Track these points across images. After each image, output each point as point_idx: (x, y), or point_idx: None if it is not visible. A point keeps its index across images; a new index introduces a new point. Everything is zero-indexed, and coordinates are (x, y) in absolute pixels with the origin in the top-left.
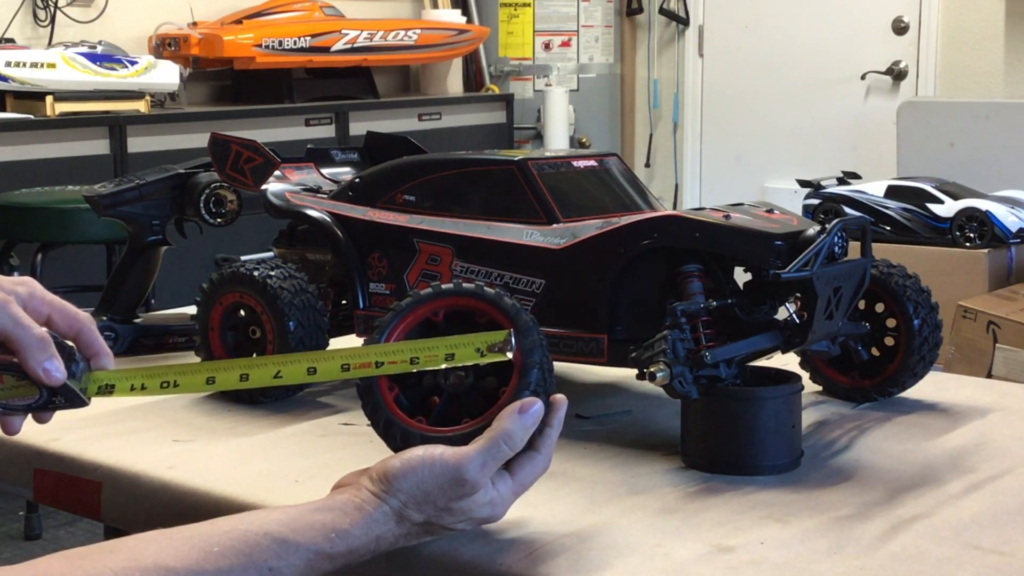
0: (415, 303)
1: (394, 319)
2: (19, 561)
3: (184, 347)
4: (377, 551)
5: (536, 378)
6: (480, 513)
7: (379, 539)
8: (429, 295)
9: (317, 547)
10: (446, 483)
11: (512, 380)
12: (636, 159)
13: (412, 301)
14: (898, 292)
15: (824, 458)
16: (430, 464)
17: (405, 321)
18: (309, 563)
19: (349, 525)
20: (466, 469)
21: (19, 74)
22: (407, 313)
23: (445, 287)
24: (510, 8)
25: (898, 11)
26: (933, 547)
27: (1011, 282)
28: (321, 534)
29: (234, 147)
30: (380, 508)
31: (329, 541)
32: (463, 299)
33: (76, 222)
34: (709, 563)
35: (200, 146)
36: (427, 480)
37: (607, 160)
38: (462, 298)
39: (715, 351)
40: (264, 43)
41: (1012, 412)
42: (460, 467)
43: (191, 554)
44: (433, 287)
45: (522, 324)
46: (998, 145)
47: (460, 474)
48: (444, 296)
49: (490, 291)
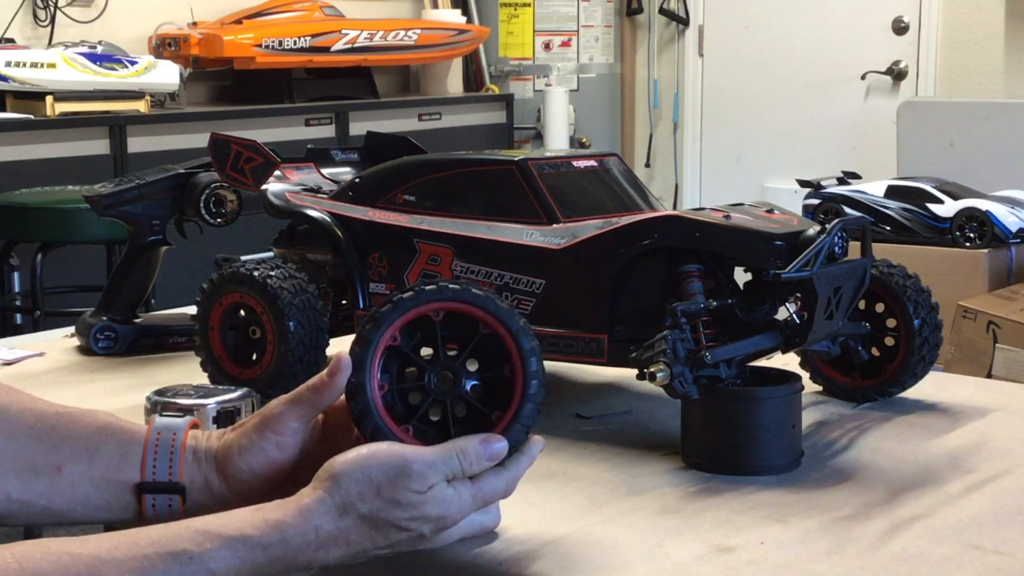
0: (419, 299)
1: (394, 312)
2: None
3: (184, 347)
4: (320, 545)
5: (530, 412)
6: (431, 509)
7: (318, 530)
8: (434, 293)
9: (243, 535)
10: (392, 472)
11: (509, 409)
12: (636, 159)
13: (415, 296)
14: (898, 292)
15: (824, 458)
16: (378, 455)
17: (405, 316)
18: (237, 554)
19: (282, 514)
20: (413, 461)
21: (19, 74)
22: (409, 308)
23: (453, 287)
24: (510, 8)
25: (898, 11)
26: (933, 547)
27: (1011, 282)
28: (248, 523)
29: (234, 147)
30: (317, 498)
31: (257, 528)
32: (469, 307)
33: (76, 222)
34: (709, 563)
35: (200, 146)
36: (374, 470)
37: (607, 160)
38: (468, 305)
39: (715, 351)
40: (264, 43)
41: (1012, 412)
42: (407, 458)
43: (100, 542)
44: (440, 285)
45: (526, 350)
46: (998, 145)
47: (407, 465)
48: (448, 299)
49: (503, 306)
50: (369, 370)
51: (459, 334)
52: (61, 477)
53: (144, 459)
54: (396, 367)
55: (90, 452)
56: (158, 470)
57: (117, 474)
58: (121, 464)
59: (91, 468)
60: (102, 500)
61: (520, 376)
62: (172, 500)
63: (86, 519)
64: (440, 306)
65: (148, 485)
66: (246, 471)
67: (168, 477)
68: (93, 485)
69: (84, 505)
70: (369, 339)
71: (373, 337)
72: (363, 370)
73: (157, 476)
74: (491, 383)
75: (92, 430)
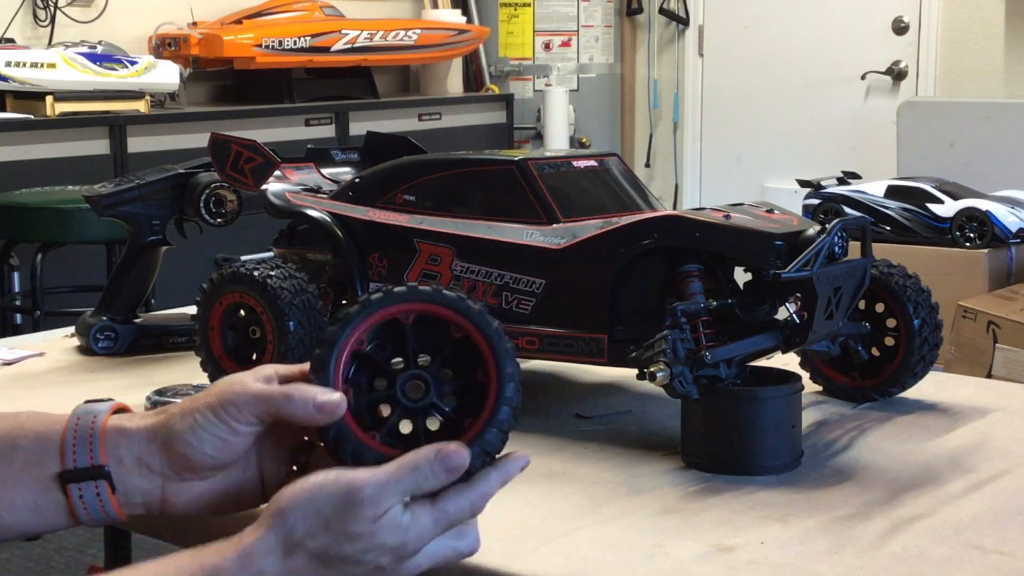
0: (387, 300)
1: (361, 313)
2: (19, 561)
3: (184, 347)
4: None
5: (506, 416)
6: (387, 538)
7: (261, 574)
8: (403, 295)
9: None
10: (341, 502)
11: (483, 414)
12: (636, 159)
13: (383, 298)
14: (898, 292)
15: (824, 458)
16: (326, 485)
17: (372, 318)
18: None
19: (220, 559)
20: (363, 486)
21: (19, 74)
22: (376, 310)
23: (423, 289)
24: (510, 8)
25: (898, 11)
26: (933, 547)
27: (1011, 282)
28: (185, 570)
29: (234, 147)
30: (260, 537)
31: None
32: (441, 308)
33: (76, 222)
34: (709, 563)
35: (200, 146)
36: (321, 501)
37: (607, 160)
38: (440, 307)
39: (715, 351)
40: (264, 43)
41: (1012, 412)
42: (355, 484)
43: None
44: (409, 287)
45: (500, 352)
46: (998, 145)
47: (356, 492)
48: (419, 300)
49: (474, 306)
50: (332, 373)
51: (432, 342)
52: None
53: (63, 447)
54: (366, 378)
55: (7, 450)
56: (78, 456)
57: (38, 469)
58: (41, 457)
59: (10, 466)
60: (28, 501)
61: (495, 379)
62: (99, 487)
63: (19, 527)
64: (410, 307)
65: (69, 473)
66: (194, 448)
67: (89, 462)
68: (15, 484)
69: (11, 510)
70: (333, 341)
71: (337, 339)
72: (325, 372)
73: (78, 463)
74: (465, 391)
75: (8, 427)
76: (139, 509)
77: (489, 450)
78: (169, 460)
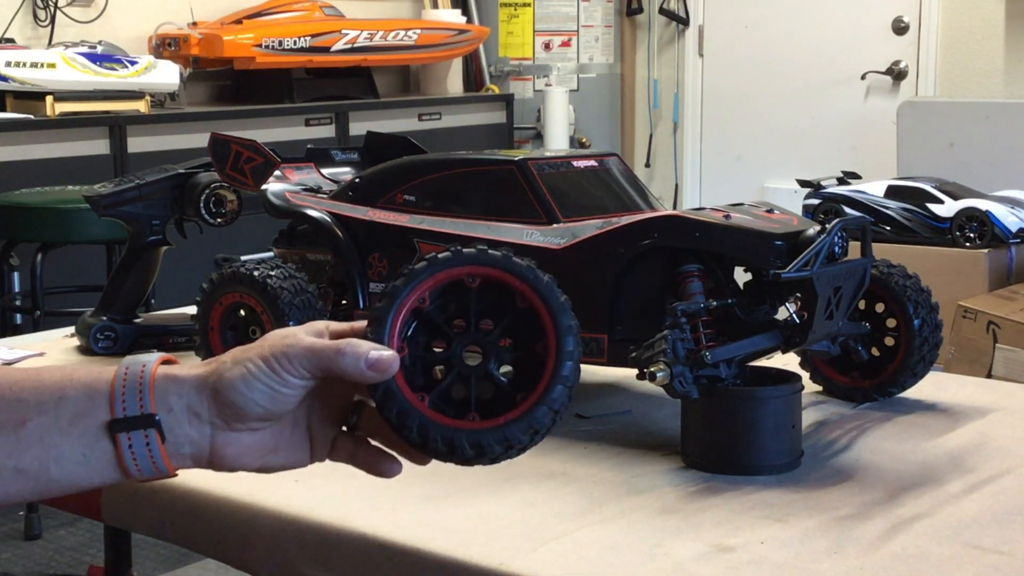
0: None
1: (426, 271)
2: (19, 562)
3: (184, 347)
4: None
5: (560, 395)
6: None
7: None
8: (472, 256)
9: None
10: None
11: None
12: (636, 159)
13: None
14: (898, 292)
15: (824, 458)
16: None
17: (437, 277)
18: None
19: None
20: None
21: (19, 74)
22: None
23: (493, 253)
24: (510, 8)
25: (898, 11)
26: (933, 547)
27: (1011, 282)
28: None
29: (234, 147)
30: None
31: None
32: (508, 275)
33: (76, 222)
34: (709, 563)
35: (200, 146)
36: None
37: (607, 160)
38: (507, 274)
39: (715, 351)
40: (264, 43)
41: (1012, 412)
42: None
43: None
44: (479, 248)
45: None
46: (998, 145)
47: None
48: (487, 264)
49: (543, 278)
50: (389, 329)
51: (494, 308)
52: (26, 431)
53: (112, 396)
54: (424, 338)
55: (55, 400)
56: (128, 405)
57: (87, 419)
58: (90, 407)
59: (57, 417)
60: (76, 453)
61: (553, 355)
62: (149, 436)
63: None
64: (477, 270)
65: (119, 422)
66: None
67: (139, 411)
68: (63, 436)
69: (58, 462)
70: (394, 296)
71: (399, 294)
72: (382, 327)
73: (128, 412)
74: (522, 363)
75: (56, 379)
76: (187, 462)
77: (538, 428)
78: (218, 409)
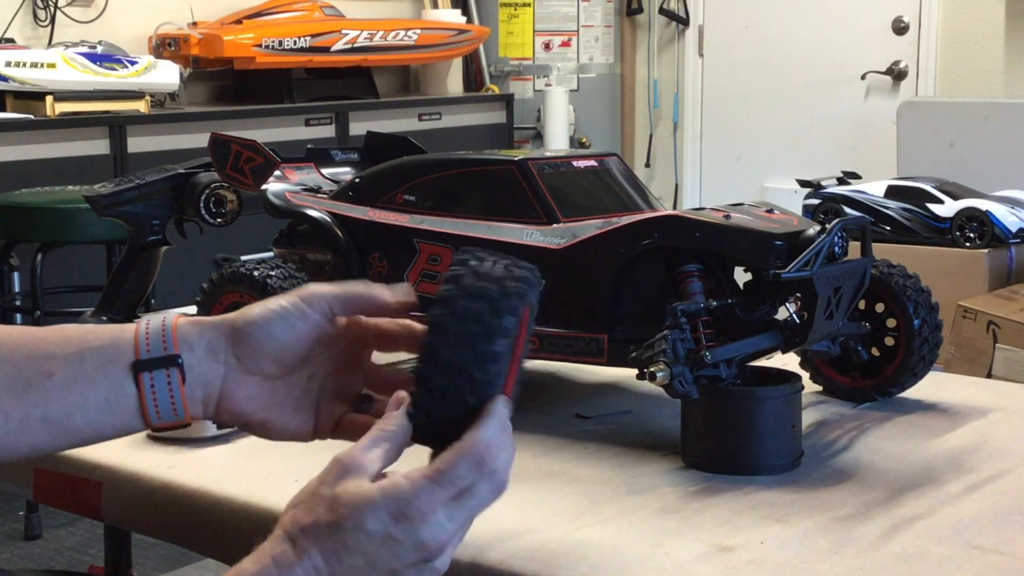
0: None
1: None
2: (19, 562)
3: None
4: None
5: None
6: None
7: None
8: None
9: None
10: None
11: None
12: (636, 159)
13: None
14: (898, 292)
15: (824, 458)
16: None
17: None
18: None
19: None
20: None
21: (19, 74)
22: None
23: None
24: (510, 8)
25: (898, 11)
26: (933, 547)
27: (1011, 282)
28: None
29: (234, 147)
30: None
31: None
32: None
33: (76, 222)
34: (709, 563)
35: (200, 146)
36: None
37: (607, 160)
38: None
39: (715, 351)
40: (264, 43)
41: (1012, 412)
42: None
43: None
44: None
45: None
46: (998, 145)
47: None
48: None
49: None
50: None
51: None
52: (54, 382)
53: (136, 342)
54: None
55: (81, 351)
56: (152, 347)
57: (111, 365)
58: (114, 353)
59: (83, 365)
60: (99, 399)
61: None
62: (171, 375)
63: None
64: None
65: (142, 363)
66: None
67: (163, 352)
68: (89, 383)
69: (83, 409)
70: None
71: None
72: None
73: (152, 353)
74: None
75: (80, 333)
76: (197, 407)
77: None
78: (235, 347)
